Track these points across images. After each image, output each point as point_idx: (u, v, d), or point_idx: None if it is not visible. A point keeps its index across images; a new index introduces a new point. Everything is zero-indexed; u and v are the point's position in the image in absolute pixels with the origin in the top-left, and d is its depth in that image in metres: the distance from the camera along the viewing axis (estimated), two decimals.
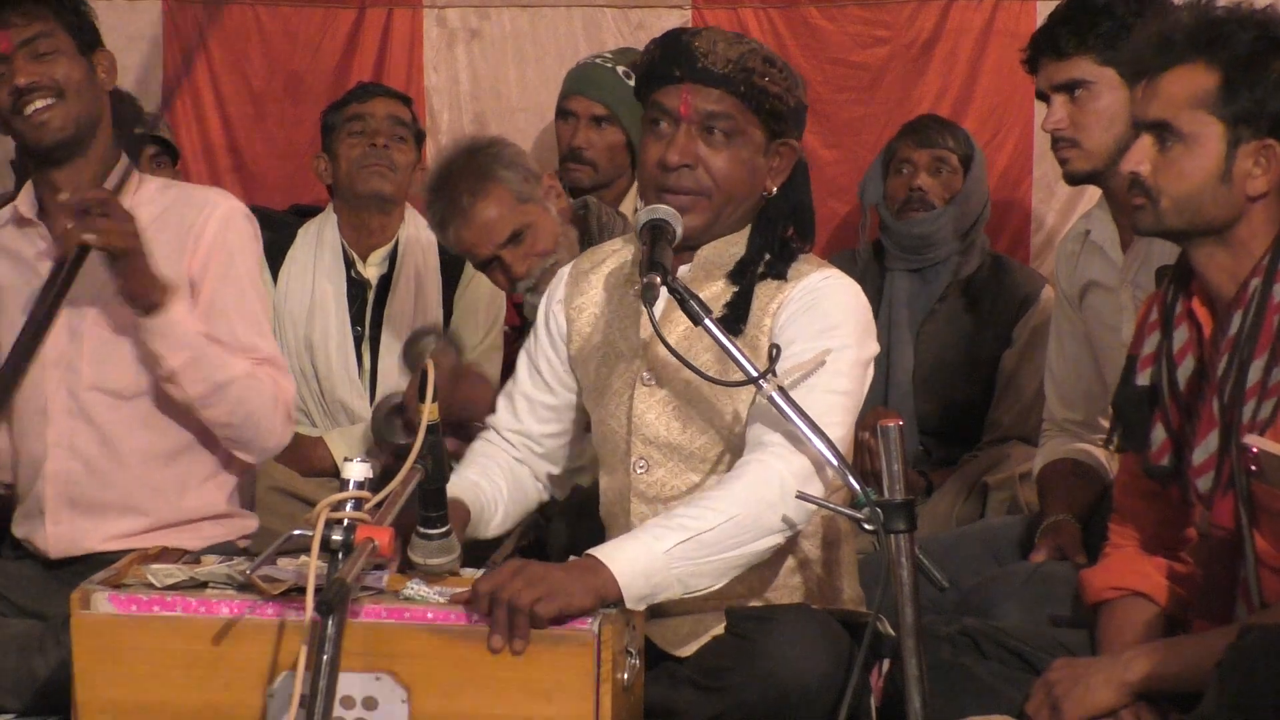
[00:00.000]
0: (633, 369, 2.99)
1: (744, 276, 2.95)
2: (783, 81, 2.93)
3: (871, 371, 2.96)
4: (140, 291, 3.18)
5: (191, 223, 3.30)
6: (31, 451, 3.36)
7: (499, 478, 3.11)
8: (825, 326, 2.87)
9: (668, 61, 2.93)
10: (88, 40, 3.34)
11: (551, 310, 3.14)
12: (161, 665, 2.64)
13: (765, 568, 2.93)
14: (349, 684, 2.52)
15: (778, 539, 2.78)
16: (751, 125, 2.92)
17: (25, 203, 3.38)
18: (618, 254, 3.13)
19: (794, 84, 2.97)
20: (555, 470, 3.20)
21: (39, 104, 3.27)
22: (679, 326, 2.87)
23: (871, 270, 4.41)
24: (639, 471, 2.98)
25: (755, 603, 2.95)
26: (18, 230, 3.39)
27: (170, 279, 3.21)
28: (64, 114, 3.28)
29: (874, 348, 2.96)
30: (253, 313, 3.34)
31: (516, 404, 3.16)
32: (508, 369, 3.56)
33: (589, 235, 3.98)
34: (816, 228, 3.07)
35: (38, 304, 3.26)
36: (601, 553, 2.67)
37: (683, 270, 2.96)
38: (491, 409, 3.22)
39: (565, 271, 3.18)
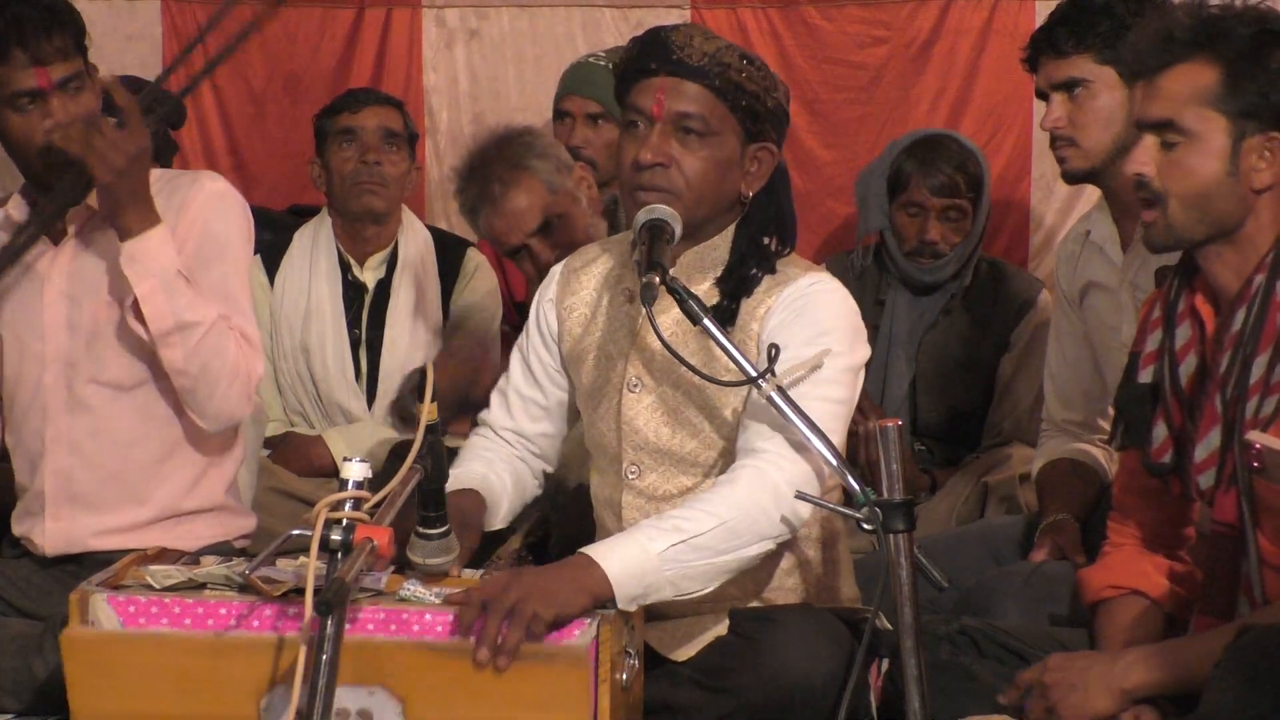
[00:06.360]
0: (621, 374, 2.98)
1: (730, 281, 2.92)
2: (761, 80, 2.89)
3: (863, 376, 2.95)
4: (119, 212, 3.15)
5: (179, 200, 3.27)
6: (31, 449, 3.36)
7: (503, 471, 3.11)
8: (816, 333, 2.86)
9: (644, 55, 2.90)
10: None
11: (542, 309, 3.12)
12: (155, 679, 2.62)
13: (761, 569, 2.92)
14: (343, 697, 2.49)
15: (770, 545, 2.77)
16: (727, 125, 2.88)
17: (16, 207, 3.38)
18: (608, 254, 3.11)
19: (772, 85, 2.92)
20: (549, 469, 3.20)
21: None
22: (667, 328, 2.84)
23: (870, 275, 4.36)
24: (630, 477, 2.98)
25: (754, 604, 2.94)
26: (8, 235, 3.38)
27: (158, 213, 3.18)
28: None
29: (865, 352, 2.94)
30: (229, 290, 3.29)
31: (510, 401, 3.16)
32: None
33: (617, 228, 3.98)
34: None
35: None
36: (595, 552, 2.66)
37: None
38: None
39: (557, 270, 3.16)
